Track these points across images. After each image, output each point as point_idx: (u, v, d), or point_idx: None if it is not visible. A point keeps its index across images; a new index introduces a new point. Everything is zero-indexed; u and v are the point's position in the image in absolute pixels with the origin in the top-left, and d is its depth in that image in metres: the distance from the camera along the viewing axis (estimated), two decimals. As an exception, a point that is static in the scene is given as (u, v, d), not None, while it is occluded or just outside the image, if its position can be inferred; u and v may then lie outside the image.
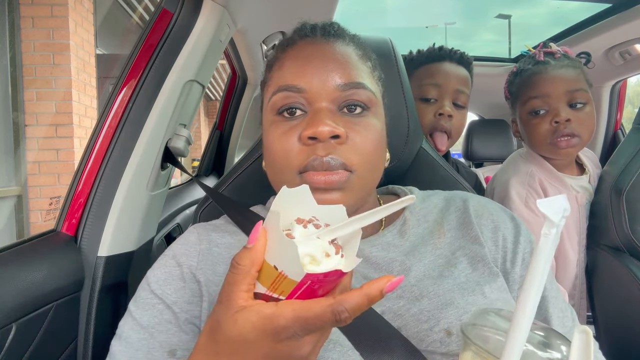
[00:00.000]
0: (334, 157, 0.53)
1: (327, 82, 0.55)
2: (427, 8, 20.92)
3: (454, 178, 0.92)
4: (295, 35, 0.62)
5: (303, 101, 0.55)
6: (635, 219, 1.04)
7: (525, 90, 1.08)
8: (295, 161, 0.54)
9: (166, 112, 0.87)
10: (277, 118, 0.57)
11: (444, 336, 0.52)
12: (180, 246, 0.61)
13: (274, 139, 0.56)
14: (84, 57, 3.49)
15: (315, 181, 0.52)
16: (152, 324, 0.56)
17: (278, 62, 0.60)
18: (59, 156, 3.29)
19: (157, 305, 0.57)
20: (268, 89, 0.60)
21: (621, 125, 1.88)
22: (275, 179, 0.59)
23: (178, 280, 0.58)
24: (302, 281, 0.34)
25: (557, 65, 1.05)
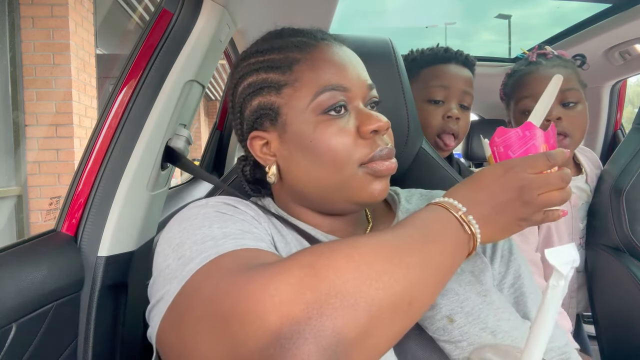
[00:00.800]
0: (391, 146, 0.60)
1: (362, 81, 0.60)
2: (427, 8, 20.93)
3: (454, 178, 0.93)
4: (309, 38, 0.61)
5: (347, 99, 0.58)
6: (635, 219, 1.04)
7: (517, 90, 1.10)
8: (358, 155, 0.57)
9: (166, 112, 0.87)
10: (324, 117, 0.57)
11: (446, 323, 0.54)
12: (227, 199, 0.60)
13: (330, 136, 0.57)
14: (84, 57, 3.49)
15: (382, 169, 0.58)
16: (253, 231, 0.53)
17: (305, 62, 0.58)
18: (59, 156, 3.29)
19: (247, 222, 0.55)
20: (299, 90, 0.58)
21: (621, 125, 1.88)
22: (331, 177, 0.58)
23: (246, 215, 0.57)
24: None
25: (549, 65, 1.07)
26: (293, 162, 0.60)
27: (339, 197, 0.60)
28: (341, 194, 0.59)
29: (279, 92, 0.59)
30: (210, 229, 0.50)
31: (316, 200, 0.62)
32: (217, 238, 0.49)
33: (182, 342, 0.42)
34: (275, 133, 0.61)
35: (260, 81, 0.60)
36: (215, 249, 0.47)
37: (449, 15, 16.91)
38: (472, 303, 0.55)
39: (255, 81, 0.61)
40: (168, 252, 0.50)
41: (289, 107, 0.59)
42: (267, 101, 0.60)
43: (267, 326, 0.36)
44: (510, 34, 11.81)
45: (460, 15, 19.25)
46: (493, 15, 12.84)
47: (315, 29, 0.64)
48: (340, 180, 0.58)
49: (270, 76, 0.60)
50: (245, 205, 0.60)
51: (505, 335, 0.53)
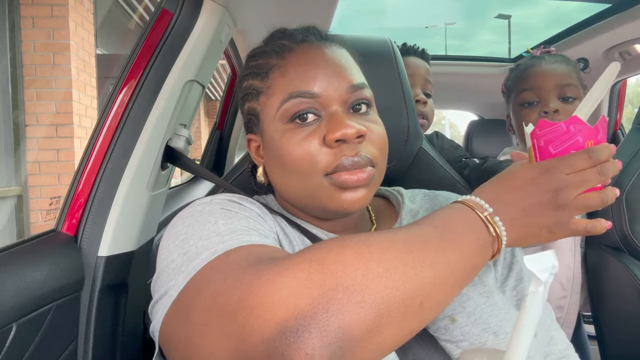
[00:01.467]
0: (361, 155, 0.56)
1: (338, 85, 0.57)
2: (427, 8, 20.93)
3: (454, 178, 0.93)
4: (290, 41, 0.60)
5: (317, 106, 0.56)
6: (635, 219, 1.04)
7: (518, 83, 1.12)
8: (321, 164, 0.55)
9: (166, 112, 0.87)
10: (291, 125, 0.56)
11: (448, 322, 0.54)
12: (232, 196, 0.59)
13: (294, 145, 0.55)
14: (84, 57, 3.49)
15: (347, 181, 0.55)
16: (258, 228, 0.53)
17: (278, 69, 0.58)
18: (59, 156, 3.29)
19: (252, 219, 0.54)
20: (271, 98, 0.58)
21: (621, 125, 1.88)
22: (298, 185, 0.57)
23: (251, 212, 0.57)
24: None
25: (551, 60, 1.09)
26: (270, 167, 0.62)
27: (311, 204, 0.59)
28: (312, 201, 0.59)
29: (257, 99, 0.60)
30: (216, 225, 0.50)
31: (295, 205, 0.63)
32: (223, 234, 0.49)
33: (188, 336, 0.42)
34: (260, 137, 0.62)
35: (247, 87, 0.62)
36: (222, 244, 0.47)
37: (449, 15, 16.93)
38: (474, 303, 0.55)
39: (245, 86, 0.63)
40: (172, 248, 0.50)
41: (264, 114, 0.59)
42: (251, 107, 0.62)
43: (273, 319, 0.36)
44: (510, 34, 11.81)
45: (460, 16, 19.23)
46: (493, 15, 12.84)
47: (305, 27, 0.63)
48: (308, 189, 0.57)
49: (253, 82, 0.61)
50: (250, 202, 0.60)
51: (508, 336, 0.53)
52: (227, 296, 0.40)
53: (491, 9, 15.44)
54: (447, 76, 1.95)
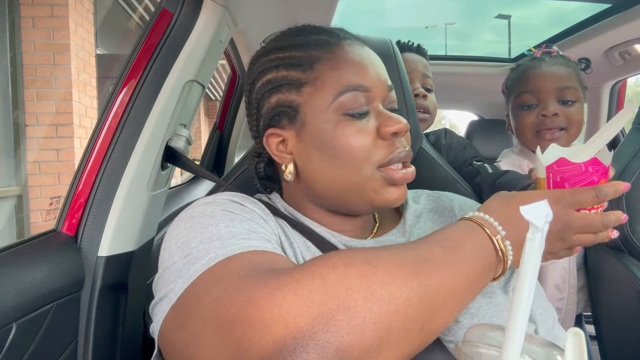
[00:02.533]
0: (409, 149, 0.59)
1: (383, 82, 0.60)
2: (427, 8, 20.92)
3: (454, 178, 0.93)
4: (330, 37, 0.60)
5: (367, 100, 0.58)
6: (635, 219, 1.04)
7: (518, 84, 1.11)
8: (377, 156, 0.57)
9: (166, 112, 0.87)
10: (345, 117, 0.57)
11: (451, 324, 0.54)
12: (233, 196, 0.59)
13: (351, 136, 0.56)
14: (84, 57, 3.49)
15: (398, 176, 0.57)
16: (260, 231, 0.53)
17: (327, 61, 0.58)
18: (59, 156, 3.29)
19: (253, 222, 0.54)
20: (320, 89, 0.57)
21: (621, 125, 1.88)
22: (347, 177, 0.58)
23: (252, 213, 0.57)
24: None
25: (551, 62, 1.08)
26: (311, 161, 0.59)
27: (355, 197, 0.59)
28: (357, 195, 0.59)
29: (299, 90, 0.58)
30: (217, 228, 0.50)
31: (331, 200, 0.62)
32: (224, 238, 0.48)
33: (185, 344, 0.42)
34: (293, 131, 0.60)
35: (280, 78, 0.59)
36: (222, 249, 0.46)
37: (449, 15, 16.92)
38: (477, 304, 0.55)
39: (274, 78, 0.60)
40: (174, 250, 0.50)
41: (309, 105, 0.58)
42: (286, 99, 0.59)
43: (271, 335, 0.36)
44: (510, 34, 11.81)
45: (460, 16, 19.22)
46: (493, 15, 12.83)
47: (337, 27, 0.64)
48: (357, 181, 0.58)
49: (290, 73, 0.59)
50: (252, 202, 0.59)
51: None
52: (226, 307, 0.40)
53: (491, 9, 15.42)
54: (447, 76, 1.95)
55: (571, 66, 1.09)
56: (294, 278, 0.39)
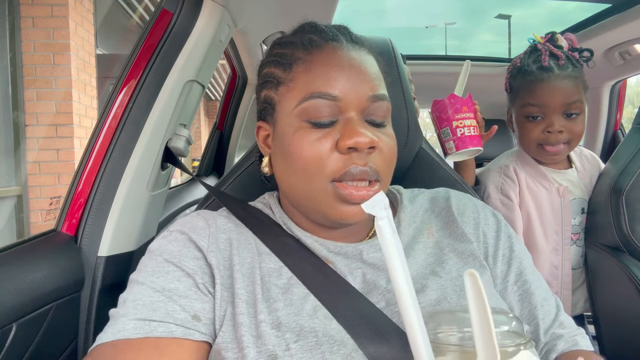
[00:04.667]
0: (369, 166, 0.55)
1: (359, 92, 0.56)
2: (427, 8, 20.91)
3: (454, 178, 0.93)
4: (319, 37, 0.59)
5: (335, 109, 0.55)
6: (635, 219, 1.04)
7: (524, 93, 1.10)
8: (330, 169, 0.54)
9: (166, 112, 0.87)
10: (305, 124, 0.55)
11: None
12: (189, 227, 0.59)
13: (305, 145, 0.54)
14: (84, 57, 3.49)
15: (351, 196, 0.54)
16: (170, 288, 0.53)
17: (303, 63, 0.57)
18: (59, 156, 3.29)
19: (174, 272, 0.54)
20: (291, 91, 0.56)
21: (621, 125, 1.88)
22: (301, 186, 0.57)
23: (195, 252, 0.56)
24: None
25: (560, 75, 1.06)
26: (276, 161, 0.61)
27: (311, 209, 0.58)
28: (313, 206, 0.58)
29: (276, 88, 0.59)
30: (143, 278, 0.54)
31: (295, 206, 0.62)
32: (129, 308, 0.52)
33: None
34: (271, 127, 0.61)
35: (267, 74, 0.61)
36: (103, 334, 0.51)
37: (449, 15, 16.93)
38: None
39: (265, 73, 0.62)
40: (130, 281, 0.57)
41: (281, 105, 0.58)
42: (268, 95, 0.60)
43: None
44: (510, 34, 11.82)
45: (460, 16, 19.24)
46: (493, 15, 12.85)
47: (337, 26, 0.62)
48: (310, 192, 0.56)
49: (274, 71, 0.59)
50: (200, 232, 0.58)
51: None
52: None
53: (491, 9, 15.44)
54: (446, 76, 1.95)
55: (578, 74, 1.07)
56: None
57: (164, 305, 0.51)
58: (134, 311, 0.51)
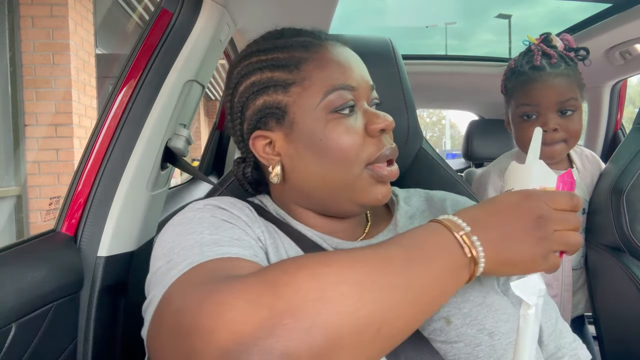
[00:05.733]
0: (394, 145, 0.61)
1: (366, 80, 0.61)
2: (427, 8, 20.93)
3: (454, 178, 0.93)
4: (313, 38, 0.61)
5: (354, 99, 0.59)
6: (635, 219, 1.04)
7: (518, 94, 1.11)
8: (365, 154, 0.58)
9: (166, 112, 0.87)
10: (334, 116, 0.57)
11: (443, 324, 0.54)
12: (221, 202, 0.59)
13: (342, 134, 0.57)
14: (84, 57, 3.49)
15: (385, 174, 0.59)
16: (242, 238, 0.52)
17: (312, 62, 0.59)
18: (58, 156, 3.29)
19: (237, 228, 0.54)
20: (308, 89, 0.58)
21: (621, 125, 1.88)
22: (338, 176, 0.58)
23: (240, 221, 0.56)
24: None
25: (552, 74, 1.06)
26: (301, 161, 0.59)
27: (344, 197, 0.60)
28: (346, 194, 0.59)
29: (286, 90, 0.58)
30: (201, 235, 0.50)
31: (320, 201, 0.62)
32: (204, 244, 0.48)
33: (157, 352, 0.42)
34: (281, 132, 0.60)
35: (266, 80, 0.59)
36: (200, 256, 0.46)
37: (449, 15, 16.94)
38: (470, 305, 0.55)
39: (259, 80, 0.60)
40: (160, 255, 0.51)
41: (298, 105, 0.58)
42: (273, 100, 0.59)
43: (217, 342, 0.35)
44: (511, 34, 11.82)
45: (460, 15, 19.24)
46: (493, 15, 12.86)
47: (316, 29, 0.64)
48: (347, 180, 0.58)
49: (275, 75, 0.59)
50: (239, 209, 0.59)
51: (503, 337, 0.53)
52: (182, 317, 0.39)
53: (491, 9, 15.45)
54: (447, 76, 1.95)
55: (572, 73, 1.07)
56: (246, 283, 0.38)
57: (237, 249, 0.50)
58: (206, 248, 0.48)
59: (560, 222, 0.45)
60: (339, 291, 0.37)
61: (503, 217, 0.45)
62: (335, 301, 0.36)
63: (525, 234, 0.44)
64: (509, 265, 0.44)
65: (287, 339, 0.34)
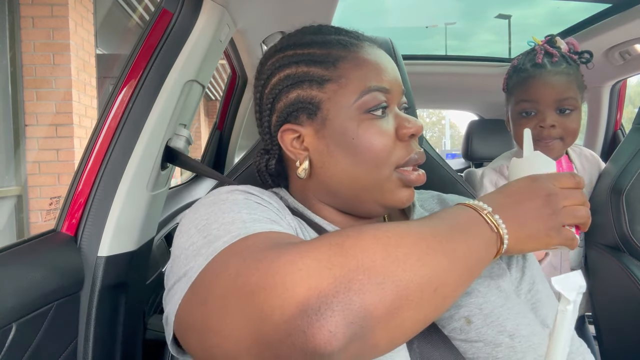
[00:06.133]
0: (422, 151, 0.62)
1: (399, 85, 0.62)
2: (427, 8, 20.92)
3: (453, 178, 0.93)
4: (350, 37, 0.61)
5: (387, 101, 0.59)
6: (635, 219, 1.04)
7: (518, 91, 1.12)
8: (395, 157, 0.58)
9: (166, 112, 0.87)
10: (368, 116, 0.58)
11: (463, 324, 0.54)
12: (249, 189, 0.58)
13: (373, 135, 0.57)
14: (84, 57, 3.49)
15: (412, 178, 0.60)
16: (273, 218, 0.52)
17: (350, 61, 0.59)
18: (59, 156, 3.29)
19: (268, 211, 0.54)
20: (344, 87, 0.58)
21: (621, 125, 1.88)
22: (367, 176, 0.58)
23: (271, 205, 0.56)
24: None
25: (552, 71, 1.07)
26: (331, 158, 0.59)
27: (369, 197, 0.60)
28: (372, 195, 0.60)
29: (321, 86, 0.58)
30: (239, 214, 0.50)
31: (345, 199, 0.62)
32: (246, 221, 0.48)
33: (205, 319, 0.42)
34: (311, 127, 0.59)
35: (301, 74, 0.59)
36: (244, 230, 0.47)
37: (449, 15, 16.94)
38: (491, 306, 0.55)
39: (294, 73, 0.59)
40: (193, 232, 0.50)
41: (332, 102, 0.58)
42: (307, 95, 0.59)
43: (294, 297, 0.36)
44: (510, 34, 11.81)
45: (460, 15, 19.24)
46: (493, 15, 12.85)
47: (352, 30, 0.64)
48: (375, 181, 0.58)
49: (312, 70, 0.59)
50: (269, 195, 0.59)
51: (523, 340, 0.53)
52: (246, 277, 0.40)
53: (491, 9, 15.44)
54: (447, 76, 1.95)
55: (572, 72, 1.08)
56: (313, 246, 0.40)
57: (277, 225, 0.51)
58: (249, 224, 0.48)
59: (567, 198, 0.52)
60: (402, 252, 0.40)
61: (517, 197, 0.51)
62: (400, 260, 0.40)
63: (537, 211, 0.50)
64: (529, 240, 0.50)
65: (363, 292, 0.37)
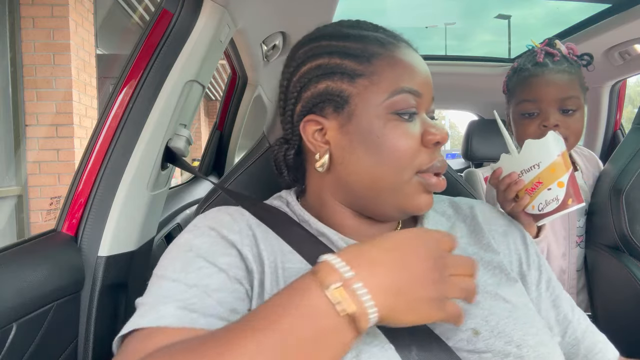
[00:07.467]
0: (444, 159, 0.61)
1: (430, 90, 0.61)
2: (427, 8, 20.90)
3: (453, 178, 0.93)
4: (387, 36, 0.60)
5: (416, 105, 0.58)
6: (635, 219, 1.04)
7: (520, 90, 1.10)
8: (418, 161, 0.57)
9: (166, 112, 0.87)
10: (394, 117, 0.56)
11: (470, 335, 0.53)
12: (216, 222, 0.58)
13: (399, 137, 0.56)
14: (84, 57, 3.49)
15: (434, 182, 0.59)
16: (204, 284, 0.51)
17: (385, 58, 0.57)
18: (59, 156, 3.29)
19: (206, 268, 0.53)
20: (375, 85, 0.57)
21: (621, 125, 1.88)
22: (389, 177, 0.57)
23: (227, 248, 0.55)
24: None
25: (554, 70, 1.05)
26: (352, 155, 0.58)
27: (387, 200, 0.58)
28: (391, 197, 0.58)
29: (353, 80, 0.57)
30: (175, 275, 0.52)
31: (362, 199, 0.60)
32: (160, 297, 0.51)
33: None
34: (336, 121, 0.58)
35: (333, 65, 0.58)
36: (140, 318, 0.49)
37: (449, 15, 16.93)
38: (497, 318, 0.55)
39: (326, 63, 0.58)
40: (154, 279, 0.55)
41: (362, 98, 0.57)
42: (336, 87, 0.57)
43: None
44: (510, 34, 11.81)
45: (460, 16, 19.22)
46: (493, 15, 12.83)
47: (391, 29, 0.63)
48: (396, 183, 0.57)
49: (345, 63, 0.58)
50: (229, 227, 0.57)
51: (531, 350, 0.52)
52: None
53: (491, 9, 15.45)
54: (447, 76, 1.95)
55: (574, 72, 1.06)
56: None
57: (201, 301, 0.50)
58: (174, 303, 0.50)
59: (457, 265, 0.45)
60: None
61: (401, 254, 0.43)
62: None
63: (424, 275, 0.43)
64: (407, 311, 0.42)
65: None
